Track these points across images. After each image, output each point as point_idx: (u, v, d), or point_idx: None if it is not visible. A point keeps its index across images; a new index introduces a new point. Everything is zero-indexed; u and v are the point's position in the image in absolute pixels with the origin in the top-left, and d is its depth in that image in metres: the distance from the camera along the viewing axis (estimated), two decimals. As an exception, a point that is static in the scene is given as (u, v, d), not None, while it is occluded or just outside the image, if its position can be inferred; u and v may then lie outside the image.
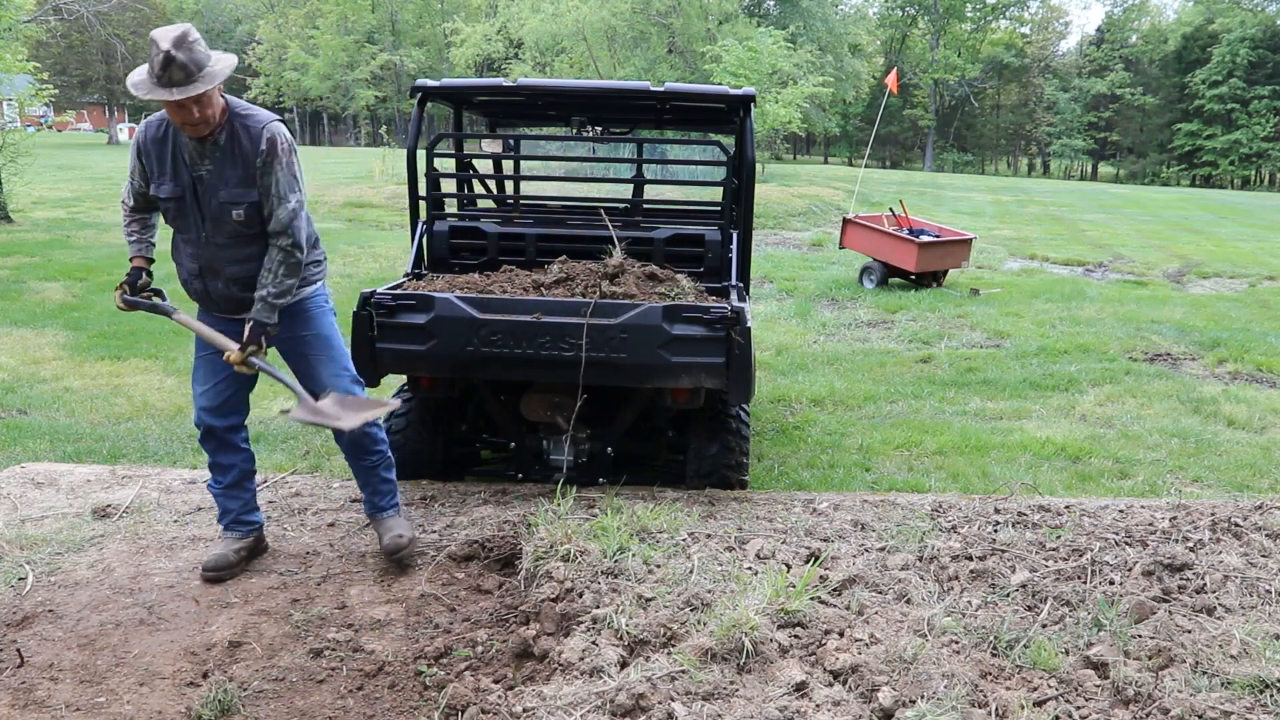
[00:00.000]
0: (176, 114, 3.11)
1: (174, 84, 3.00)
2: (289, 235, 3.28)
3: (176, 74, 2.99)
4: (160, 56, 2.97)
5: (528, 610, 3.16)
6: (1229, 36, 55.15)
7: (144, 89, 3.04)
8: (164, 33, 3.01)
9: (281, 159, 3.23)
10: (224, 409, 3.52)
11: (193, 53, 3.01)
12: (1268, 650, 2.62)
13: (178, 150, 3.24)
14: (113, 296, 3.45)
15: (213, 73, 3.06)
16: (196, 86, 3.01)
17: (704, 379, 3.97)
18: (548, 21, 34.32)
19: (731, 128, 5.53)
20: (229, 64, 3.12)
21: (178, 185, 3.26)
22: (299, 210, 3.30)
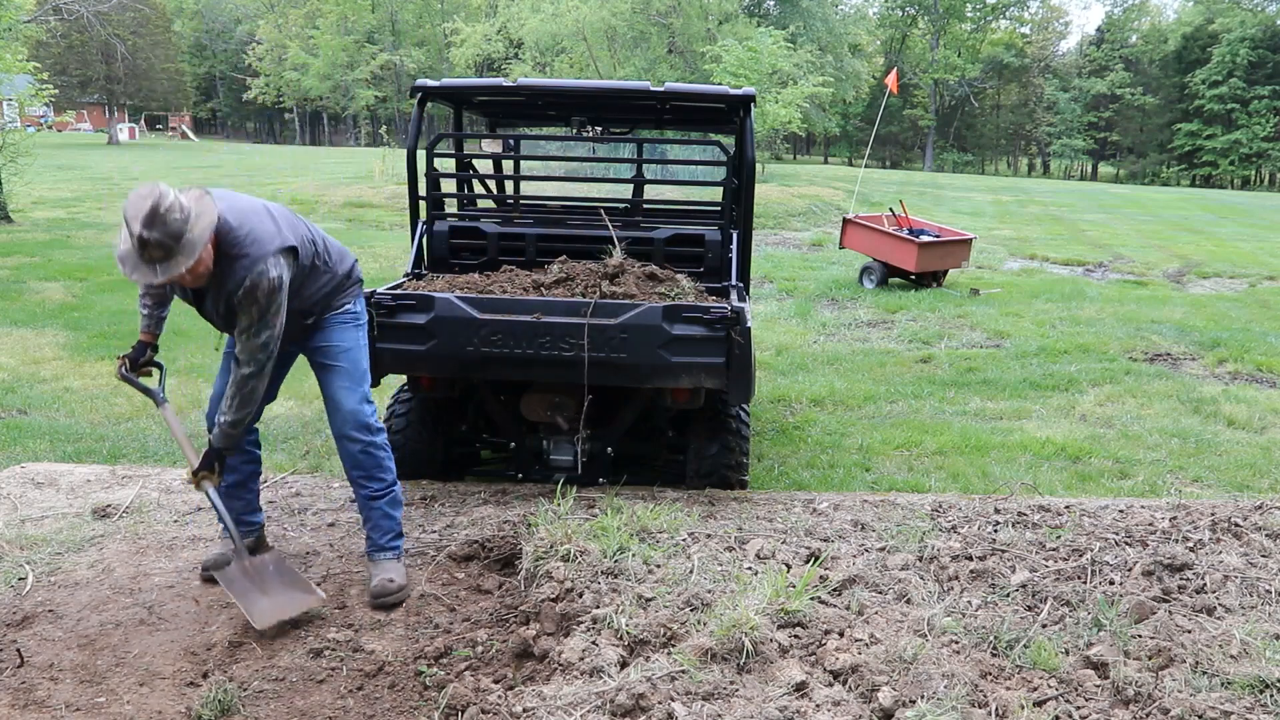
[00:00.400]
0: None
1: (155, 262, 2.86)
2: (250, 365, 3.15)
3: (155, 252, 2.84)
4: (135, 240, 2.82)
5: (528, 610, 3.16)
6: (1229, 36, 55.16)
7: (129, 266, 2.90)
8: (135, 209, 2.81)
9: (258, 303, 3.07)
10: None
11: (167, 226, 2.81)
12: (1268, 650, 2.62)
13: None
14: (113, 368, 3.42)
15: (191, 240, 2.87)
16: (178, 264, 2.86)
17: (704, 379, 3.97)
18: (548, 21, 34.32)
19: (731, 128, 5.53)
20: (208, 223, 2.91)
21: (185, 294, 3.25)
22: (267, 345, 3.14)
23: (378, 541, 3.49)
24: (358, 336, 3.53)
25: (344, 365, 3.44)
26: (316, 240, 3.38)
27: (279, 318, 3.14)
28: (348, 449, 3.42)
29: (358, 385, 3.46)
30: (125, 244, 2.89)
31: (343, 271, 3.48)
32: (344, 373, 3.44)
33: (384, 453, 3.48)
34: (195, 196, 2.94)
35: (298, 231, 3.25)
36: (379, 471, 3.46)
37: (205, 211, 2.93)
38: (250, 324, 3.10)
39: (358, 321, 3.56)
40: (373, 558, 3.49)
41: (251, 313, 3.08)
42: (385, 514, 3.49)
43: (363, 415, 3.42)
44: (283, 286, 3.11)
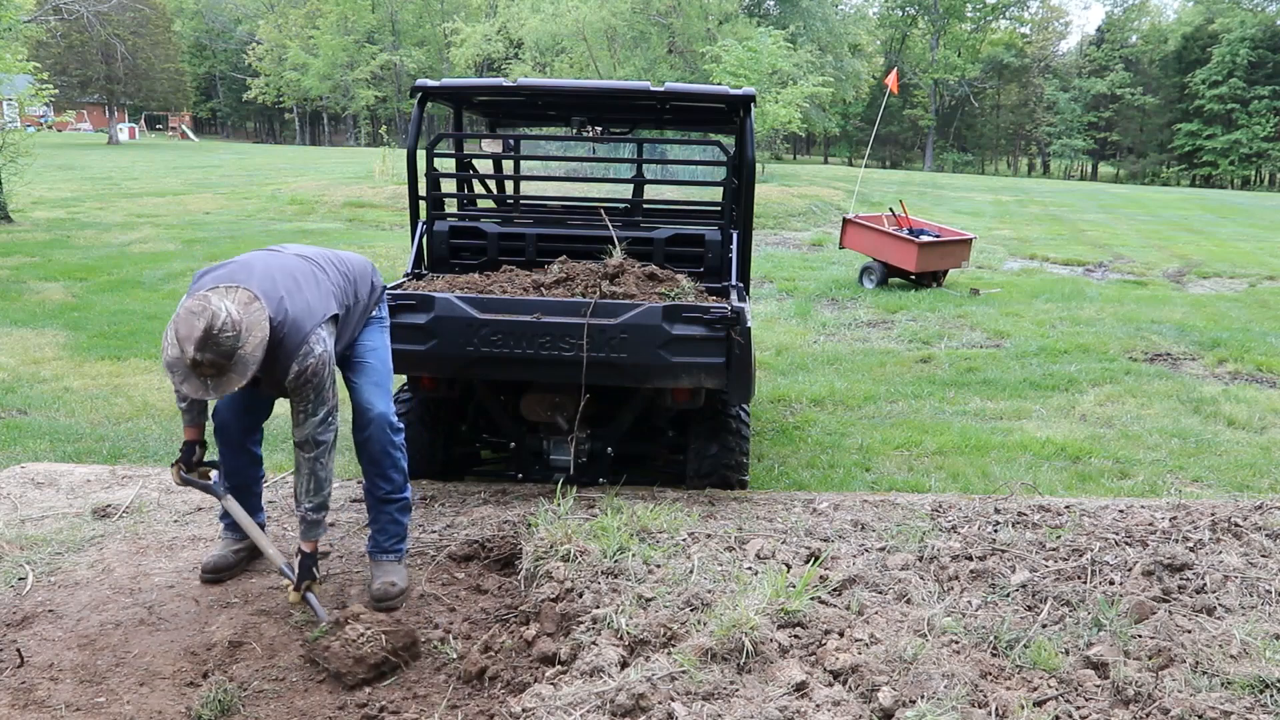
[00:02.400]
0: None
1: (207, 378, 2.79)
2: (314, 446, 3.12)
3: (207, 370, 2.77)
4: (186, 361, 2.74)
5: (528, 610, 3.16)
6: (1229, 36, 55.16)
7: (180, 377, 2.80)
8: (186, 329, 2.73)
9: (312, 383, 3.03)
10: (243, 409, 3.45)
11: (220, 347, 2.74)
12: (1268, 650, 2.62)
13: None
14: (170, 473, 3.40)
15: (244, 358, 2.78)
16: (231, 381, 2.79)
17: (704, 379, 3.97)
18: (548, 21, 34.31)
19: (731, 128, 5.53)
20: (260, 339, 2.82)
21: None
22: (329, 418, 3.12)
23: (382, 544, 3.46)
24: (384, 338, 3.56)
25: (373, 363, 3.45)
26: (344, 283, 3.31)
27: (333, 386, 3.11)
28: (371, 448, 3.39)
29: (386, 385, 3.48)
30: (173, 350, 2.78)
31: (366, 294, 3.46)
32: (373, 371, 3.44)
33: (402, 453, 3.48)
34: (244, 303, 2.84)
35: (327, 288, 3.17)
36: (394, 472, 3.45)
37: (257, 325, 2.82)
38: (309, 405, 3.06)
39: (383, 324, 3.60)
40: (375, 558, 3.46)
41: (308, 394, 3.04)
42: (394, 519, 3.47)
43: (391, 415, 3.42)
44: (330, 357, 3.08)
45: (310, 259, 3.25)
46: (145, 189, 21.82)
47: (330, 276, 3.25)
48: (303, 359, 2.97)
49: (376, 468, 3.42)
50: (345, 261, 3.42)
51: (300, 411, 3.08)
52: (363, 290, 3.43)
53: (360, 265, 3.49)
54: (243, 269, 3.02)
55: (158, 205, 18.55)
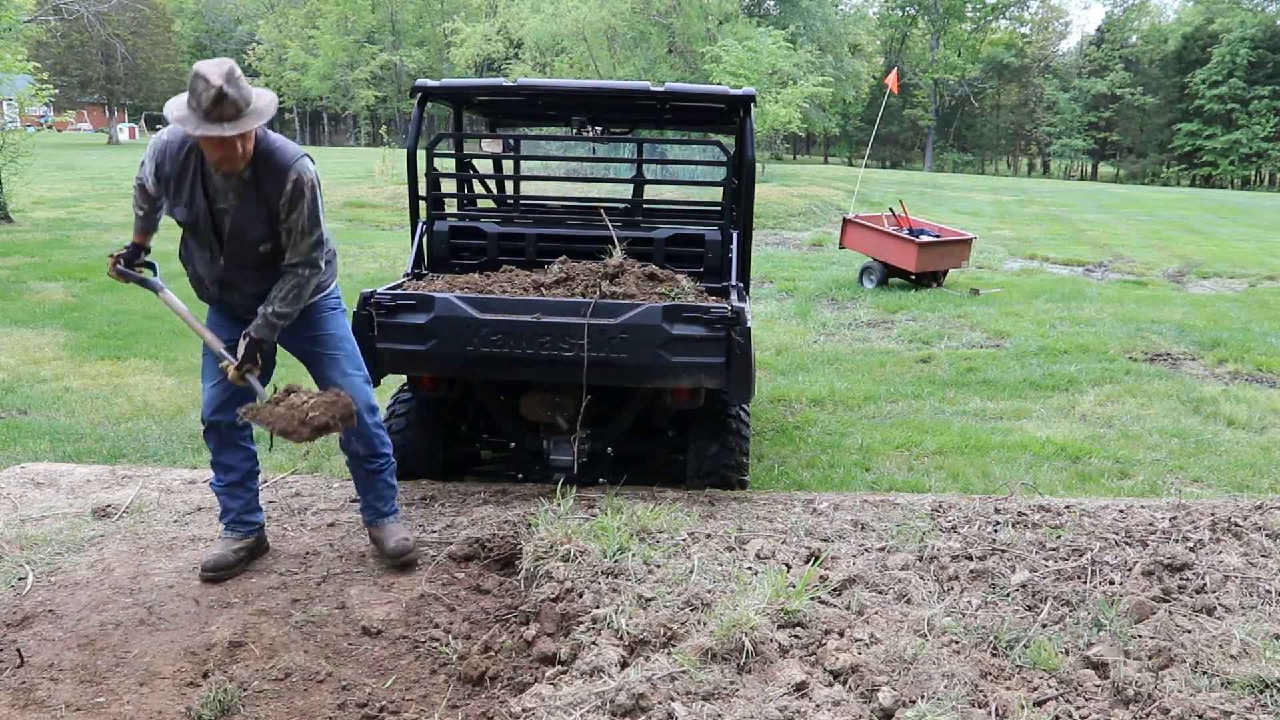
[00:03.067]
0: (218, 149, 3.05)
1: (225, 119, 2.94)
2: (308, 265, 3.29)
3: (228, 109, 2.93)
4: (212, 92, 2.90)
5: (528, 610, 3.17)
6: (1229, 36, 55.15)
7: (192, 124, 2.95)
8: (211, 68, 2.94)
9: (305, 199, 3.21)
10: (231, 405, 3.47)
11: (240, 88, 2.96)
12: (1268, 650, 2.62)
13: (198, 179, 3.20)
14: (106, 263, 3.44)
15: (258, 109, 3.02)
16: (247, 122, 2.97)
17: (704, 379, 3.97)
18: (548, 21, 34.32)
19: (731, 128, 5.54)
20: (272, 101, 3.09)
21: (192, 212, 3.23)
22: (322, 240, 3.32)
23: (382, 509, 3.70)
24: (345, 322, 3.69)
25: (346, 352, 3.60)
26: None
27: (323, 214, 3.32)
28: (358, 432, 3.55)
29: (359, 370, 3.63)
30: (182, 108, 2.98)
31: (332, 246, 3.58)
32: (347, 359, 3.60)
33: (384, 429, 3.73)
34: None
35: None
36: (382, 447, 3.69)
37: (267, 95, 3.10)
38: (302, 222, 3.23)
39: (342, 306, 3.70)
40: (378, 523, 3.70)
41: (302, 210, 3.21)
42: (387, 484, 3.72)
43: (370, 398, 3.62)
44: (320, 186, 3.28)
45: None
46: (145, 189, 21.76)
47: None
48: (298, 171, 3.19)
49: (367, 448, 3.64)
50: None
51: (297, 233, 3.24)
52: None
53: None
54: None
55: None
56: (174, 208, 3.26)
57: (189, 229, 3.31)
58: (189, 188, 3.21)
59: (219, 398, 3.49)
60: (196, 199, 3.22)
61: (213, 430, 3.54)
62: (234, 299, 3.42)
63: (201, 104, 2.93)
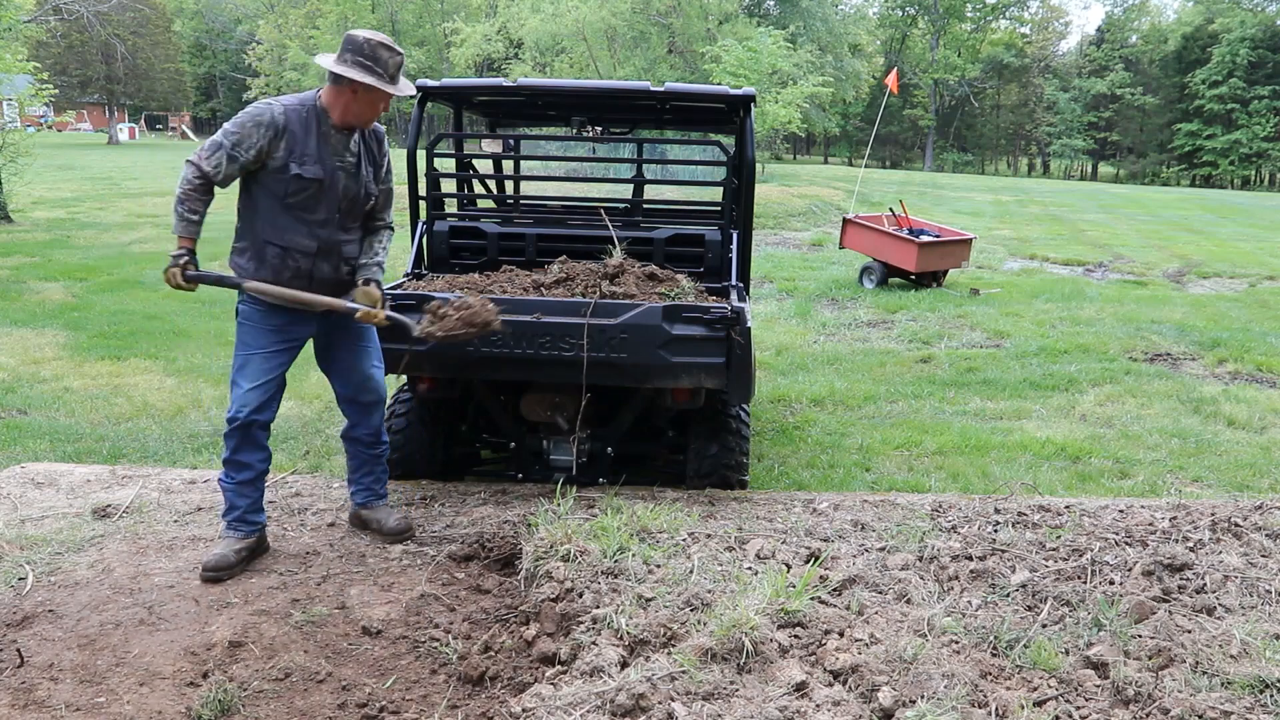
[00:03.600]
0: (371, 110, 3.49)
1: (395, 82, 3.44)
2: (389, 227, 3.84)
3: (391, 69, 3.42)
4: (398, 59, 3.42)
5: (528, 610, 3.17)
6: (1229, 36, 55.16)
7: (372, 78, 3.37)
8: (385, 38, 3.42)
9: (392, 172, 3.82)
10: (265, 406, 3.58)
11: (395, 53, 3.43)
12: (1268, 650, 2.62)
13: (322, 138, 3.48)
14: (167, 275, 3.44)
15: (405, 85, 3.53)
16: (408, 86, 3.53)
17: (704, 379, 3.97)
18: (548, 21, 34.32)
19: (731, 128, 5.54)
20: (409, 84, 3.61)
21: (324, 169, 3.48)
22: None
23: (378, 490, 3.96)
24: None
25: (374, 344, 3.85)
26: None
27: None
28: (372, 418, 3.86)
29: (381, 361, 3.89)
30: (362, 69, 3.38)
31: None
32: (375, 351, 3.85)
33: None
34: None
35: None
36: (384, 434, 3.98)
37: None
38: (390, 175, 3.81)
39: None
40: (373, 504, 3.94)
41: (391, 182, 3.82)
42: (384, 468, 4.00)
43: (385, 389, 3.92)
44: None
45: None
46: (145, 189, 21.83)
47: None
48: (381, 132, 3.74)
49: (373, 434, 3.90)
50: None
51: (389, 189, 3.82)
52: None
53: None
54: None
55: (158, 205, 18.55)
56: (304, 165, 3.45)
57: (312, 189, 3.48)
58: (316, 147, 3.47)
59: (258, 399, 3.53)
60: (325, 155, 3.49)
61: (243, 430, 3.54)
62: (324, 269, 3.59)
63: (389, 69, 3.40)
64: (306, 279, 3.55)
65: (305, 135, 3.44)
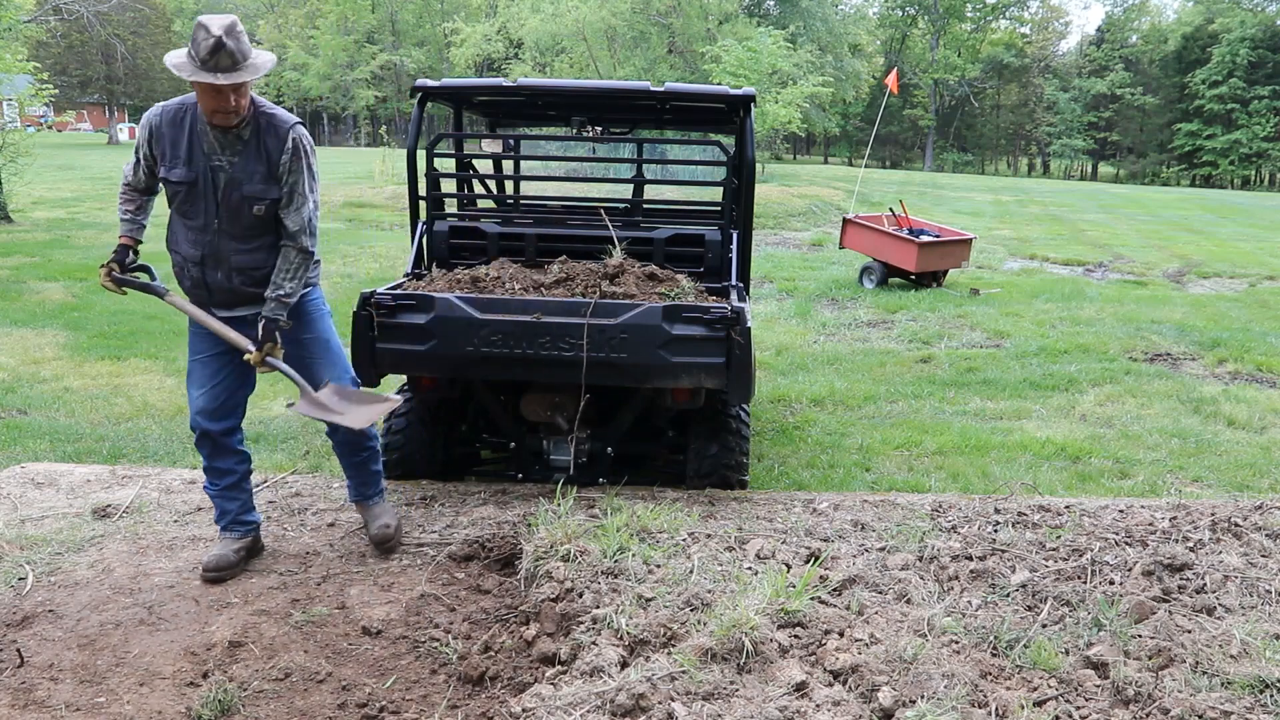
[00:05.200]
0: (212, 100, 3.13)
1: (220, 69, 3.04)
2: (306, 235, 3.37)
3: (224, 60, 3.04)
4: (210, 41, 3.02)
5: (528, 610, 3.17)
6: (1229, 36, 55.16)
7: (188, 70, 3.05)
8: (213, 19, 3.07)
9: (305, 160, 3.32)
10: (220, 412, 3.51)
11: (240, 42, 3.07)
12: (1268, 650, 2.62)
13: (195, 137, 3.26)
14: (98, 274, 3.45)
15: (255, 64, 3.12)
16: (242, 74, 3.07)
17: (704, 379, 3.97)
18: (548, 21, 34.32)
19: (731, 128, 5.53)
20: (270, 60, 3.17)
21: (191, 171, 3.27)
22: (315, 211, 3.41)
23: (365, 491, 3.83)
24: (330, 323, 3.73)
25: (328, 355, 3.66)
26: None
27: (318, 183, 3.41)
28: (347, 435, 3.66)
29: (345, 370, 3.72)
30: (183, 54, 3.09)
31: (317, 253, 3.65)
32: (335, 362, 3.67)
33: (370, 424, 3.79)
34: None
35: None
36: (367, 440, 3.79)
37: (266, 54, 3.18)
38: (302, 185, 3.32)
39: (325, 310, 3.74)
40: (365, 503, 3.83)
41: (302, 171, 3.31)
42: (372, 471, 3.84)
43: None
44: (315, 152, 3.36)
45: None
46: (145, 189, 21.77)
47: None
48: (298, 133, 3.30)
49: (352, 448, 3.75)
50: None
51: (297, 195, 3.32)
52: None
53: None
54: None
55: (158, 205, 18.51)
56: (172, 169, 3.28)
57: (184, 191, 3.29)
58: (186, 146, 3.26)
59: (208, 406, 3.49)
60: (196, 156, 3.26)
61: (204, 438, 3.53)
62: (215, 278, 3.37)
63: (199, 53, 3.04)
64: (204, 289, 3.42)
65: (177, 135, 3.25)
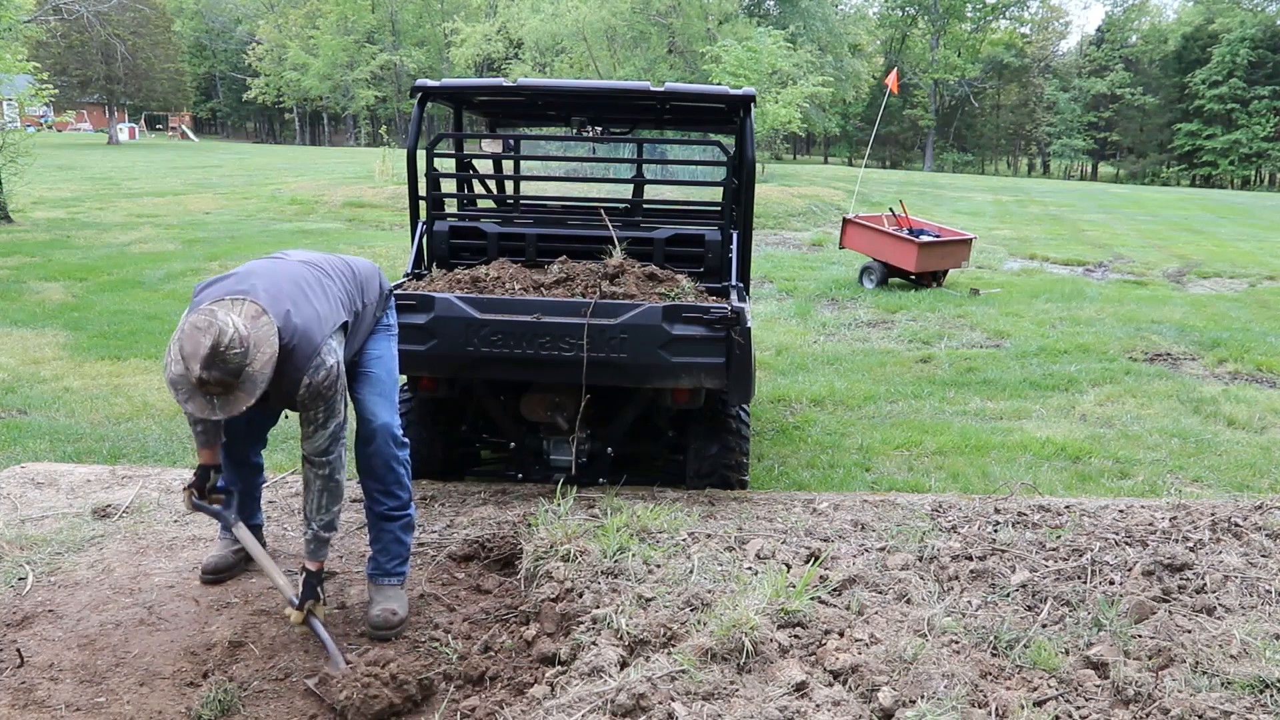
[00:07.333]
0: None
1: (213, 397, 2.66)
2: (325, 460, 2.98)
3: (214, 389, 2.64)
4: (193, 379, 2.61)
5: (528, 610, 3.17)
6: (1229, 36, 55.17)
7: (184, 395, 2.68)
8: (191, 346, 2.59)
9: (323, 396, 2.90)
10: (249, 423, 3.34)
11: (227, 365, 2.60)
12: (1268, 650, 2.62)
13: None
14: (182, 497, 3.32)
15: (252, 375, 2.66)
16: (239, 400, 2.66)
17: (704, 379, 3.97)
18: (548, 21, 34.31)
19: (731, 128, 5.53)
20: (269, 356, 2.69)
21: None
22: (339, 433, 3.00)
23: (384, 565, 3.27)
24: (390, 345, 3.44)
25: (378, 373, 3.31)
26: (351, 288, 3.20)
27: (344, 398, 3.00)
28: (374, 461, 3.23)
29: (391, 396, 3.32)
30: (177, 367, 2.65)
31: (376, 297, 3.36)
32: (378, 381, 3.30)
33: (406, 469, 3.31)
34: (252, 317, 2.71)
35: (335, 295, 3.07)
36: (398, 489, 3.29)
37: (265, 340, 2.69)
38: (319, 417, 2.93)
39: (391, 331, 3.47)
40: (376, 582, 3.27)
41: (319, 408, 2.91)
42: (397, 538, 3.29)
43: (394, 427, 3.26)
44: (341, 369, 2.95)
45: (315, 265, 3.13)
46: (145, 189, 21.82)
47: (337, 282, 3.13)
48: (314, 372, 2.84)
49: (380, 483, 3.26)
50: (351, 265, 3.32)
51: (310, 424, 2.94)
52: (370, 294, 3.32)
53: (367, 269, 3.39)
54: (246, 279, 2.86)
55: (158, 205, 18.55)
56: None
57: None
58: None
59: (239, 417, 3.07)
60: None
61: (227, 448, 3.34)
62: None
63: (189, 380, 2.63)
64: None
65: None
